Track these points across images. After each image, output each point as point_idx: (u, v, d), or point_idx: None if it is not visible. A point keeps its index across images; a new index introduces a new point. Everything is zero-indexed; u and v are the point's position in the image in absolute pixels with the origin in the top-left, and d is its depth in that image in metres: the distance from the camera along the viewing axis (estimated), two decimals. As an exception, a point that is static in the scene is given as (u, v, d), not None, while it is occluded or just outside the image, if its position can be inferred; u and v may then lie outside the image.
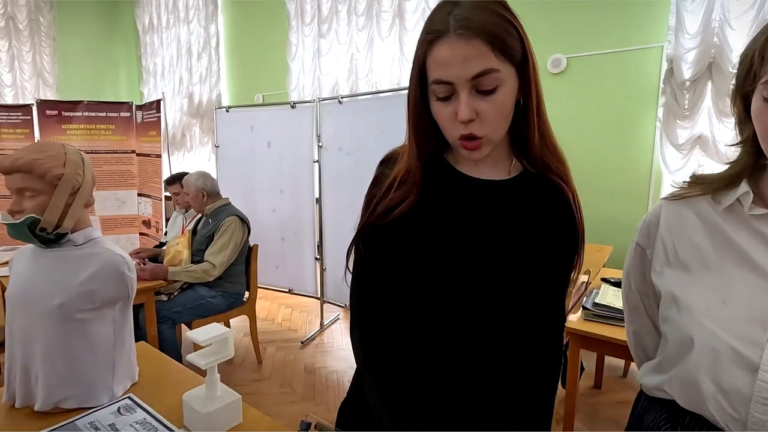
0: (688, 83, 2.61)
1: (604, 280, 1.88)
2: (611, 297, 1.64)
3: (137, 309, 2.08)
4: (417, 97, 0.64)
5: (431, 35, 0.59)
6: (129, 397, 1.02)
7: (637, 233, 0.69)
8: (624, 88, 2.87)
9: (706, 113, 2.60)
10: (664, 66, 2.72)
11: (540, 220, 0.66)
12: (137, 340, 2.09)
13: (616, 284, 1.81)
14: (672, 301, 0.60)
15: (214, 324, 0.94)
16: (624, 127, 2.89)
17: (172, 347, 2.09)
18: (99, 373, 0.99)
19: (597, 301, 1.60)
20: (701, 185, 0.61)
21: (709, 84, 2.56)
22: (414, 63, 0.63)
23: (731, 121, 2.23)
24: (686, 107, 2.63)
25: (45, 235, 0.93)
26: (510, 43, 0.58)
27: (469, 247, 0.65)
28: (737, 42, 2.45)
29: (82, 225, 1.00)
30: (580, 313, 1.60)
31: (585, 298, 1.68)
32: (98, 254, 0.97)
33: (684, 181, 0.65)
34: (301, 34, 4.21)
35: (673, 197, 0.64)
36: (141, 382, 1.11)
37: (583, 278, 1.93)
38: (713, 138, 2.57)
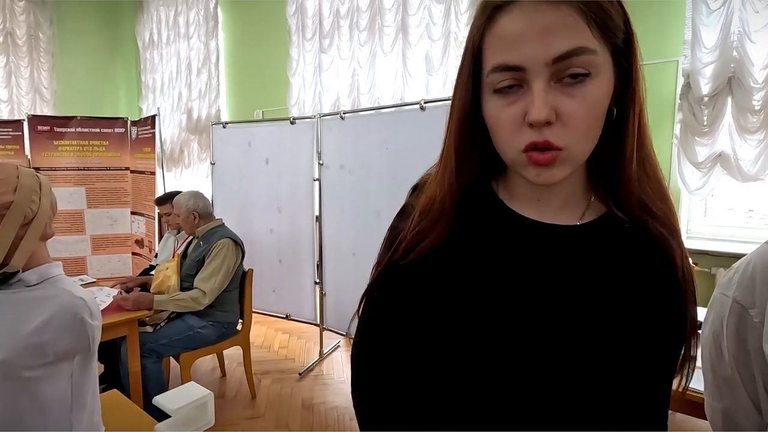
0: (706, 98, 2.49)
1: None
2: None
3: (119, 342, 1.90)
4: (468, 94, 0.46)
5: (496, 1, 0.42)
6: (88, 469, 0.85)
7: (734, 286, 0.53)
8: (638, 104, 2.74)
9: (726, 130, 2.47)
10: (680, 81, 2.60)
11: (629, 285, 0.46)
12: (119, 377, 1.93)
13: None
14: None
15: (191, 384, 0.78)
16: (639, 144, 2.75)
17: (157, 384, 1.90)
18: (52, 440, 0.82)
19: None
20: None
21: (729, 99, 2.44)
22: (467, 48, 0.46)
23: (754, 138, 2.05)
24: (705, 123, 2.50)
25: (-12, 275, 0.78)
26: (613, 15, 0.40)
27: (529, 319, 0.46)
28: (759, 56, 2.33)
29: (38, 261, 0.85)
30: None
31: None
32: (53, 297, 0.82)
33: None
34: (302, 49, 4.13)
35: (787, 242, 0.48)
36: (106, 445, 0.94)
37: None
38: (735, 156, 2.43)
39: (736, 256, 2.59)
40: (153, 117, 3.62)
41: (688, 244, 2.69)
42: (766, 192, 2.56)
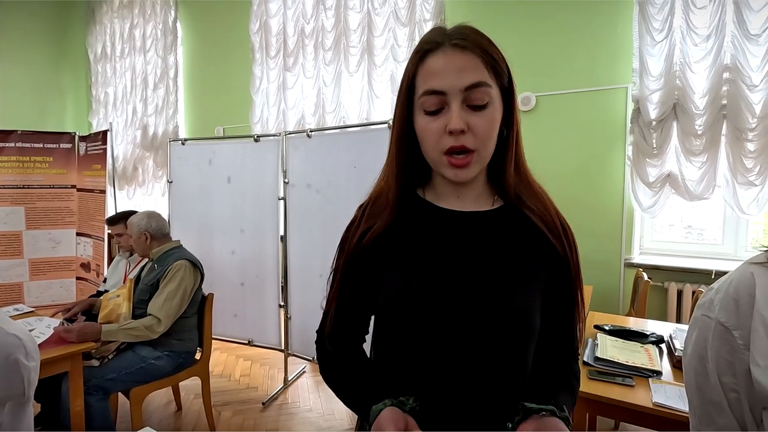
0: (654, 123, 2.65)
1: (597, 327, 1.74)
2: (613, 350, 1.49)
3: (60, 378, 1.71)
4: (404, 112, 0.63)
5: (426, 46, 0.59)
6: None
7: (716, 307, 0.53)
8: (593, 127, 2.89)
9: (673, 152, 2.63)
10: (630, 106, 2.76)
11: (526, 249, 0.65)
12: (60, 417, 1.73)
13: (613, 333, 1.68)
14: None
15: (146, 430, 0.69)
16: (595, 165, 2.89)
17: (103, 424, 1.72)
18: (-28, 505, 0.70)
19: (599, 355, 1.45)
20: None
21: (675, 124, 2.61)
22: (403, 77, 0.63)
23: (698, 160, 2.18)
24: (654, 146, 2.66)
25: None
26: (501, 65, 0.60)
27: (463, 281, 0.62)
28: (699, 84, 2.52)
29: (-37, 294, 0.73)
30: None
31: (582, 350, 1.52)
32: (-19, 336, 0.71)
33: (779, 241, 0.50)
34: (266, 67, 4.07)
35: (770, 263, 0.49)
36: (41, 504, 0.81)
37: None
38: (682, 176, 2.59)
39: (685, 270, 2.73)
40: (104, 132, 3.42)
41: (642, 259, 2.82)
42: (706, 210, 2.76)
